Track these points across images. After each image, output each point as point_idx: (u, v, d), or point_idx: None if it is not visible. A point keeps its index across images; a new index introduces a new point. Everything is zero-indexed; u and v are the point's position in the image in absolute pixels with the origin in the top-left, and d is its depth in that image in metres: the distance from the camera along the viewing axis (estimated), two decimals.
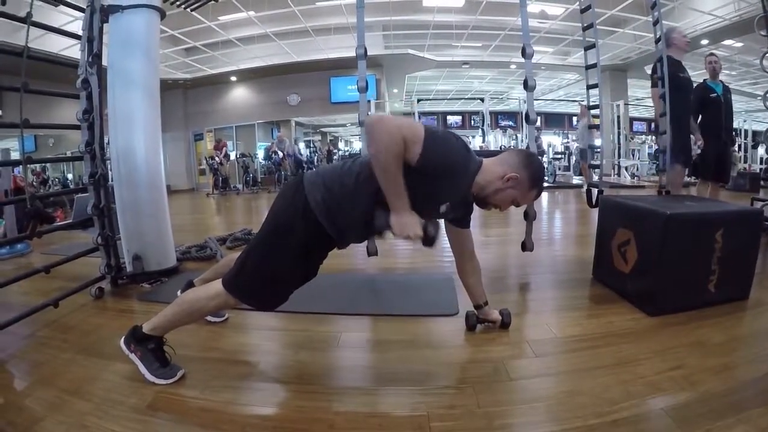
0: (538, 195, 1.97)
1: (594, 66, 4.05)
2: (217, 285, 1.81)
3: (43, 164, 15.84)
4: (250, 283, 1.78)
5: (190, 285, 2.41)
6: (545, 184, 11.47)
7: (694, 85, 4.55)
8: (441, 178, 1.67)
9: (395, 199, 1.62)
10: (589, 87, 4.25)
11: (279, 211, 1.80)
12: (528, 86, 3.21)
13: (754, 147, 15.30)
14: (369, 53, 3.31)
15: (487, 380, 1.83)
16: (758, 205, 4.99)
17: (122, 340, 1.90)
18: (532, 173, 1.84)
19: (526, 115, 3.28)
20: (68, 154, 11.91)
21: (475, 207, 2.00)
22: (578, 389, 1.75)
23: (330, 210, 1.71)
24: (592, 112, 7.52)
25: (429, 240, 1.68)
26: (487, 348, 2.14)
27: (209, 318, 2.44)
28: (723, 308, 2.50)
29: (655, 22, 3.99)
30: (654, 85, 4.03)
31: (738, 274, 2.62)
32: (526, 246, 3.44)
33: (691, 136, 4.36)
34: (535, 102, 3.35)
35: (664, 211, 2.43)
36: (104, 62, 3.15)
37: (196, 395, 1.75)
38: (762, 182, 8.97)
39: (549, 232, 5.62)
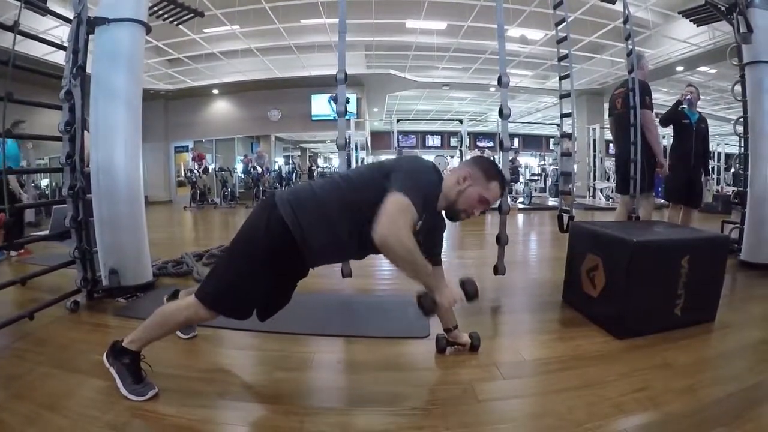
0: (503, 187, 2.03)
1: (568, 95, 4.17)
2: (191, 297, 1.87)
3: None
4: (215, 290, 1.84)
5: (176, 294, 2.42)
6: (522, 205, 11.79)
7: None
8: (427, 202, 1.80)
9: (429, 280, 1.76)
10: (563, 116, 4.36)
11: (248, 221, 1.89)
12: (503, 114, 3.27)
13: (727, 170, 15.71)
14: (351, 72, 3.36)
15: (455, 402, 1.87)
16: (728, 227, 5.13)
17: (104, 354, 1.94)
18: (484, 167, 1.97)
19: (501, 142, 3.33)
20: (45, 159, 11.68)
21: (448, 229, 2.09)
22: (544, 411, 1.81)
23: (300, 221, 1.76)
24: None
25: (470, 295, 1.87)
26: (457, 370, 2.19)
27: (179, 333, 2.46)
28: (689, 330, 2.58)
29: (629, 53, 4.14)
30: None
31: (704, 299, 2.71)
32: (498, 269, 3.48)
33: None
34: (514, 124, 3.44)
35: (631, 238, 2.51)
36: (88, 69, 3.18)
37: (173, 413, 1.76)
38: (733, 205, 9.19)
39: (524, 255, 5.69)
